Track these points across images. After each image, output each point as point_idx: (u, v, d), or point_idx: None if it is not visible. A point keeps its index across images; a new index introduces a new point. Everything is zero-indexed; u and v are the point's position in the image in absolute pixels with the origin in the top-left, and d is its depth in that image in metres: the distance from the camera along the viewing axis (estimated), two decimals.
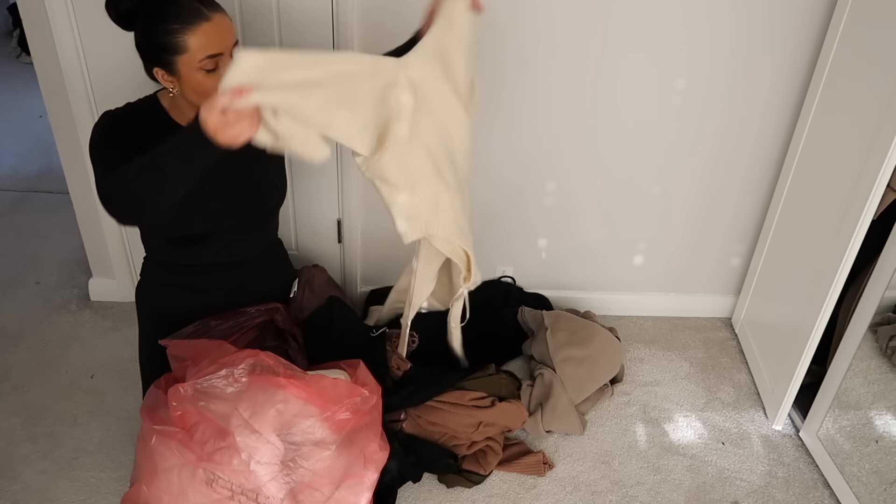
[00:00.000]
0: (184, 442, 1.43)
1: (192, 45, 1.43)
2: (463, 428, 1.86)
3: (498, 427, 1.91)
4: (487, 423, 1.88)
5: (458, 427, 1.86)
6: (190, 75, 1.47)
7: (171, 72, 1.48)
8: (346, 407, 1.50)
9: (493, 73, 2.03)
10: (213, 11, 1.45)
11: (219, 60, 1.46)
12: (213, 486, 1.42)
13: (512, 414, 1.92)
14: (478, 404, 1.89)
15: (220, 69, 1.47)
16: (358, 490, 1.53)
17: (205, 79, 1.47)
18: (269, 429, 1.43)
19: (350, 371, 1.65)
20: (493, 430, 1.89)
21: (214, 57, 1.45)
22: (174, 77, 1.48)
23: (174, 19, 1.42)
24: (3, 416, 1.99)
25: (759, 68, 2.02)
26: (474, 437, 1.87)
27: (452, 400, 1.87)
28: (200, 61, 1.44)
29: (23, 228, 2.78)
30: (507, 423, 1.92)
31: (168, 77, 1.49)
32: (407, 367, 1.93)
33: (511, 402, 1.94)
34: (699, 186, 2.24)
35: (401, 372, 1.92)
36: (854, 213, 1.72)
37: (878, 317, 1.82)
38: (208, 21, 1.43)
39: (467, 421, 1.86)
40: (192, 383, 1.46)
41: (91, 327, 2.31)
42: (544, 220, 2.31)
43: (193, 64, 1.45)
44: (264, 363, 1.50)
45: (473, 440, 1.88)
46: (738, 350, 2.37)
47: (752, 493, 1.90)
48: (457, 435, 1.86)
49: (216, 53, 1.45)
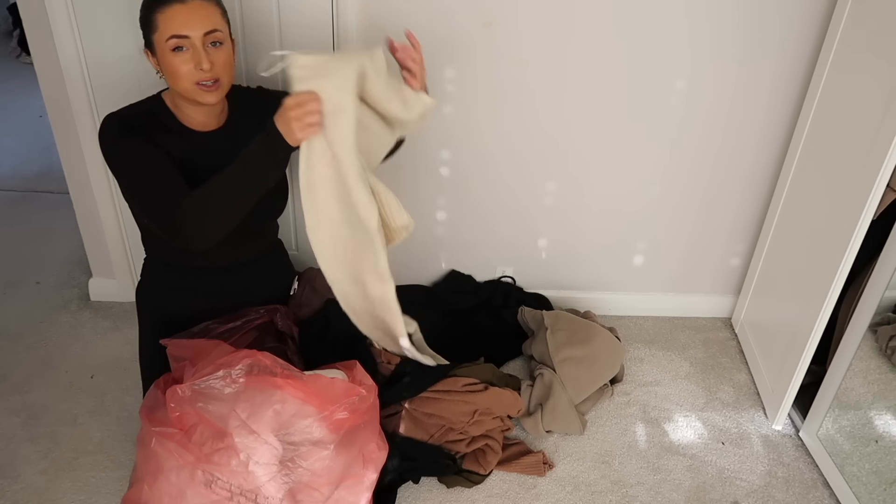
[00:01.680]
0: (182, 443, 1.43)
1: (160, 23, 1.49)
2: (458, 417, 1.85)
3: (493, 415, 1.90)
4: (483, 410, 1.87)
5: (453, 416, 1.85)
6: (162, 55, 1.52)
7: (153, 51, 1.54)
8: (344, 406, 1.50)
9: (494, 73, 2.03)
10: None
11: (185, 43, 1.49)
12: (211, 487, 1.42)
13: (506, 399, 1.91)
14: (471, 389, 1.88)
15: (187, 52, 1.50)
16: (357, 490, 1.53)
17: (172, 59, 1.51)
18: (267, 429, 1.43)
19: (346, 371, 1.65)
20: (489, 421, 1.89)
21: (180, 38, 1.49)
22: (156, 58, 1.55)
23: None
24: (3, 416, 1.99)
25: (759, 68, 2.02)
26: (471, 430, 1.87)
27: (446, 388, 1.87)
28: (166, 40, 1.49)
29: (23, 228, 2.78)
30: (501, 409, 1.90)
31: (152, 57, 1.55)
32: (397, 360, 1.92)
33: (505, 389, 1.93)
34: (699, 186, 2.24)
35: (392, 366, 1.92)
36: (854, 213, 1.72)
37: (878, 317, 1.82)
38: (182, 3, 1.48)
39: (462, 409, 1.85)
40: (190, 384, 1.46)
41: (91, 327, 2.31)
42: (544, 220, 2.31)
43: (162, 43, 1.50)
44: (261, 364, 1.50)
45: (472, 434, 1.87)
46: (738, 350, 2.37)
47: (751, 493, 1.90)
48: (453, 426, 1.86)
49: (182, 35, 1.48)
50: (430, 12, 1.93)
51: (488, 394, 1.89)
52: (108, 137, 1.56)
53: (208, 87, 1.53)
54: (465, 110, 2.09)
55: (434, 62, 2.01)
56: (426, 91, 1.64)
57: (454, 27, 1.96)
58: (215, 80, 1.53)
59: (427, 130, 2.13)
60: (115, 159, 1.57)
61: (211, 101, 1.56)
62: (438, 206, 2.28)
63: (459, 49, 1.99)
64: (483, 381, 1.92)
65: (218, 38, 1.52)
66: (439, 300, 2.34)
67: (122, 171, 1.57)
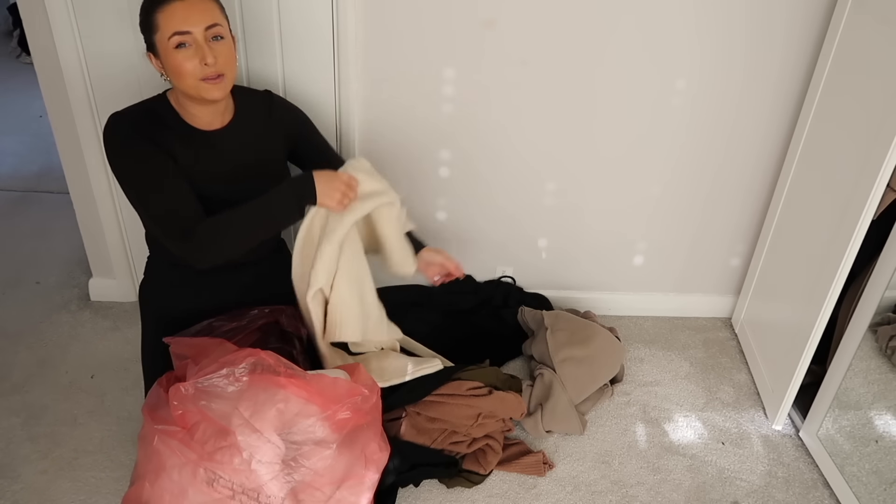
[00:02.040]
0: (185, 441, 1.43)
1: (160, 23, 1.49)
2: (462, 420, 1.85)
3: (496, 418, 1.90)
4: (486, 413, 1.87)
5: (457, 420, 1.85)
6: (166, 55, 1.52)
7: (156, 53, 1.54)
8: (347, 406, 1.50)
9: (494, 73, 2.03)
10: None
11: (188, 39, 1.50)
12: (213, 485, 1.41)
13: (510, 403, 1.92)
14: (475, 393, 1.88)
15: (190, 48, 1.51)
16: (358, 490, 1.53)
17: (176, 56, 1.51)
18: (270, 428, 1.43)
19: (349, 372, 1.65)
20: (492, 423, 1.89)
21: (183, 34, 1.49)
22: (159, 60, 1.55)
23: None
24: (3, 416, 1.99)
25: (760, 68, 2.02)
26: (474, 433, 1.87)
27: (450, 391, 1.87)
28: (169, 38, 1.49)
29: (23, 228, 2.78)
30: (505, 413, 1.91)
31: (155, 60, 1.56)
32: None
33: (508, 392, 1.93)
34: (699, 186, 2.24)
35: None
36: (854, 213, 1.72)
37: (878, 317, 1.82)
38: (181, 0, 1.49)
39: (466, 413, 1.86)
40: (193, 382, 1.46)
41: (91, 327, 2.31)
42: (544, 220, 2.31)
43: (164, 42, 1.50)
44: (265, 362, 1.50)
45: (473, 436, 1.87)
46: (738, 350, 2.37)
47: (751, 493, 1.90)
48: (457, 429, 1.86)
49: (184, 31, 1.49)
50: (431, 12, 1.94)
51: (492, 398, 1.89)
52: (116, 145, 1.57)
53: (214, 80, 1.54)
54: (464, 110, 2.09)
55: (434, 62, 2.02)
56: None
57: (454, 27, 1.96)
58: (220, 74, 1.54)
59: (427, 130, 2.13)
60: (124, 170, 1.58)
61: (217, 96, 1.57)
62: (438, 206, 2.28)
63: (459, 49, 1.99)
64: (487, 384, 1.92)
65: (219, 32, 1.53)
66: (439, 300, 2.34)
67: (132, 183, 1.58)
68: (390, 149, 2.14)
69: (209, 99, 1.57)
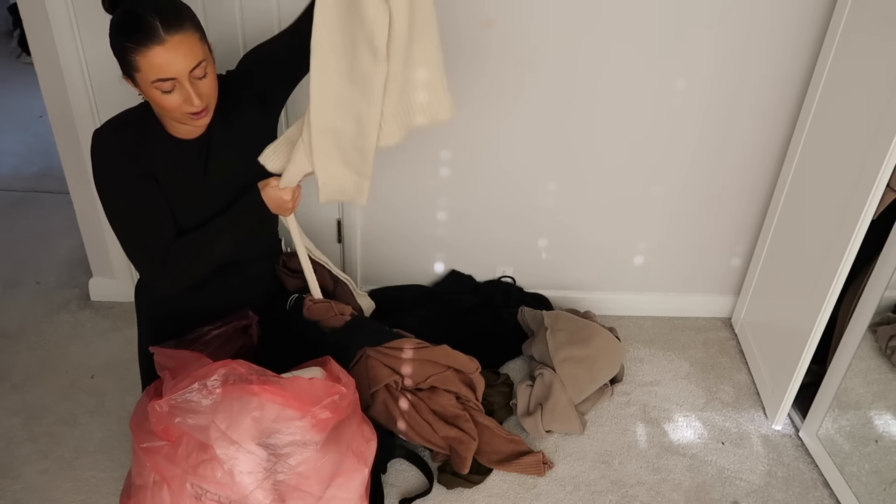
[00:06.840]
0: (169, 456, 1.43)
1: (141, 65, 1.42)
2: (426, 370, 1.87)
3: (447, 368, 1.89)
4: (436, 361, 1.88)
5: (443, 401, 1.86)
6: (147, 91, 1.47)
7: (135, 83, 1.48)
8: (325, 406, 1.49)
9: (494, 73, 2.03)
10: (170, 33, 1.40)
11: (171, 84, 1.44)
12: (202, 499, 1.42)
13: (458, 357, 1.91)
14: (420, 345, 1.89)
15: (174, 91, 1.45)
16: (350, 486, 1.53)
17: (162, 98, 1.46)
18: (248, 437, 1.42)
19: (322, 367, 1.64)
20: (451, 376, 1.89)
21: (166, 81, 1.43)
22: (137, 87, 1.49)
23: (128, 36, 1.41)
24: (3, 416, 1.99)
25: (760, 68, 2.02)
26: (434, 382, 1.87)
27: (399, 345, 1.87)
28: (153, 83, 1.43)
29: (23, 228, 2.78)
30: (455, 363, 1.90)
31: (134, 86, 1.49)
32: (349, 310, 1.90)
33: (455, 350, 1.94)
34: (699, 186, 2.24)
35: (346, 317, 1.89)
36: (854, 213, 1.72)
37: (878, 317, 1.82)
38: (161, 45, 1.39)
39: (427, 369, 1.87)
40: (167, 399, 1.44)
41: (91, 327, 2.31)
42: (544, 220, 2.31)
43: (146, 82, 1.44)
44: (236, 372, 1.48)
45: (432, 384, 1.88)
46: (738, 350, 2.37)
47: (751, 492, 1.90)
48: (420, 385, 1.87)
49: (167, 78, 1.42)
50: None
51: (439, 349, 1.89)
52: (100, 167, 1.56)
53: (199, 115, 1.51)
54: (465, 110, 2.09)
55: None
56: None
57: (454, 27, 1.96)
58: (205, 108, 1.51)
59: (427, 130, 2.13)
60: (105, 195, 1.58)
61: (202, 125, 1.57)
62: (438, 206, 2.28)
63: (460, 49, 1.99)
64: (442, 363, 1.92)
65: (203, 69, 1.47)
66: (439, 300, 2.34)
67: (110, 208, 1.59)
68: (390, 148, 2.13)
69: (194, 127, 1.58)
